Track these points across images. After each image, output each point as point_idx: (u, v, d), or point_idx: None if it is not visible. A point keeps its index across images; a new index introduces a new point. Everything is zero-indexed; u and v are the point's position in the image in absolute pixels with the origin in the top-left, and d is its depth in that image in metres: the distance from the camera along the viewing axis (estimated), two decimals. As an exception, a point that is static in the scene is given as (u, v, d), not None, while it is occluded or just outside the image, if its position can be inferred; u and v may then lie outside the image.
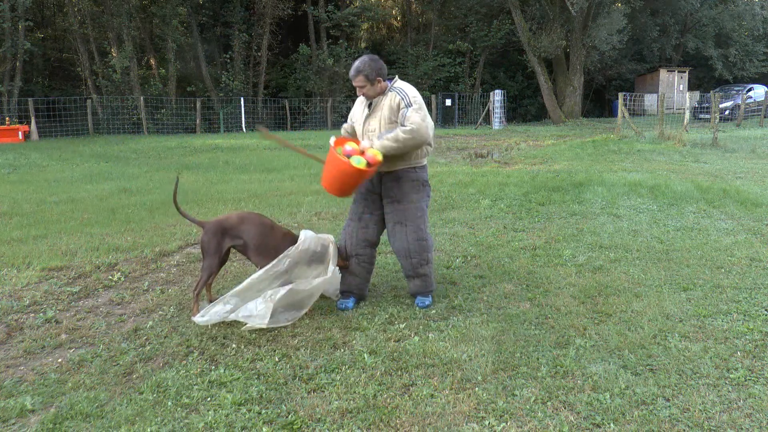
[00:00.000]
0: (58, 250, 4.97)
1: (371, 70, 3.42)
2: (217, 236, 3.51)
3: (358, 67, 3.43)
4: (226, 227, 3.54)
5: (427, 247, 3.67)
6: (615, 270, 4.38)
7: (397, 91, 3.48)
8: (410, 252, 3.63)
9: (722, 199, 6.93)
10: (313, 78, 25.69)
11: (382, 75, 3.46)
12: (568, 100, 26.53)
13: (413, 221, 3.62)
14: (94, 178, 9.61)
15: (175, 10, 22.76)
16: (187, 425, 2.41)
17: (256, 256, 3.59)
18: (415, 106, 3.42)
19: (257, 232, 3.58)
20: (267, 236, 3.60)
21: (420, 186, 3.65)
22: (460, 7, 28.59)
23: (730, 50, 30.89)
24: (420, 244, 3.63)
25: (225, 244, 3.53)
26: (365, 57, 3.49)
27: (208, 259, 3.49)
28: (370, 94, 3.51)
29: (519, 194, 7.44)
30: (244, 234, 3.56)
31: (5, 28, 19.28)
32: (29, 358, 3.04)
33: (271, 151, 14.21)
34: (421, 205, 3.66)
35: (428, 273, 3.71)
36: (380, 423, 2.41)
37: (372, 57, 3.49)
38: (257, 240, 3.57)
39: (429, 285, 3.74)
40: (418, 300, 3.72)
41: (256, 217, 3.67)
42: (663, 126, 15.37)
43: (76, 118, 20.19)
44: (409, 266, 3.68)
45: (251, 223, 3.60)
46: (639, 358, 2.93)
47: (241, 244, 3.58)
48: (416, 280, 3.71)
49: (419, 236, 3.62)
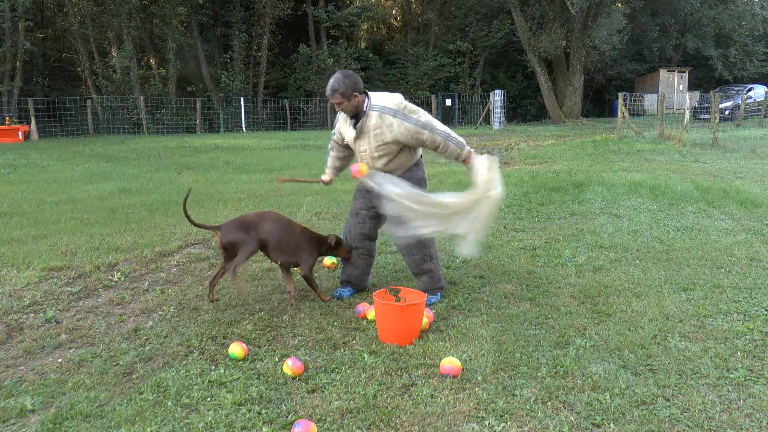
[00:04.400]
0: (58, 250, 4.97)
1: (346, 87, 3.42)
2: (243, 229, 3.57)
3: (333, 86, 3.45)
4: (247, 223, 3.61)
5: (427, 243, 3.71)
6: (615, 270, 4.38)
7: (378, 110, 3.47)
8: (410, 248, 3.68)
9: (722, 199, 6.93)
10: (313, 78, 25.68)
11: (358, 89, 3.46)
12: (568, 100, 26.53)
13: None
14: (94, 178, 9.61)
15: (175, 10, 22.76)
16: (187, 425, 2.41)
17: (275, 253, 3.66)
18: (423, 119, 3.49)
19: (276, 229, 3.65)
20: (286, 233, 3.68)
21: (417, 182, 3.71)
22: (460, 7, 28.60)
23: (730, 50, 30.89)
24: (419, 240, 3.66)
25: (253, 235, 3.57)
26: (338, 74, 3.49)
27: (246, 246, 3.53)
28: (348, 109, 3.53)
29: (519, 194, 7.44)
30: (262, 231, 3.61)
31: (5, 28, 19.28)
32: (29, 358, 3.04)
33: (271, 152, 14.22)
34: None
35: (433, 269, 3.74)
36: (380, 423, 2.41)
37: (345, 73, 3.49)
38: (277, 237, 3.63)
39: (436, 282, 3.78)
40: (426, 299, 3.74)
41: (273, 214, 3.74)
42: (663, 126, 15.37)
43: (76, 118, 20.19)
44: (412, 263, 3.73)
45: (269, 220, 3.67)
46: (639, 358, 2.93)
47: (261, 241, 3.62)
48: (422, 277, 3.75)
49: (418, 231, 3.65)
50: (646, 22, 28.97)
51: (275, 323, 3.44)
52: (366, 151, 3.60)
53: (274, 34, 25.92)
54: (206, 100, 23.66)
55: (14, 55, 20.22)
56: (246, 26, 25.10)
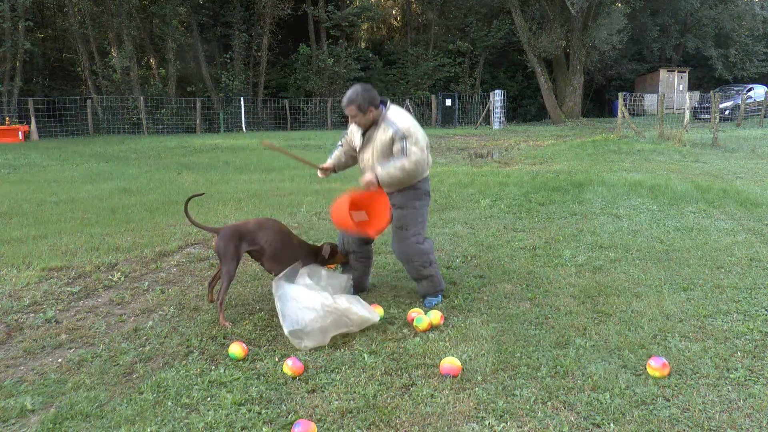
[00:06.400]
0: (58, 250, 4.97)
1: (363, 100, 3.43)
2: (234, 241, 3.48)
3: (350, 97, 3.45)
4: (243, 232, 3.53)
5: (426, 250, 3.71)
6: (615, 270, 4.38)
7: (389, 123, 3.49)
8: (411, 256, 3.67)
9: (722, 199, 6.93)
10: (313, 78, 25.69)
11: (374, 104, 3.47)
12: (568, 100, 26.54)
13: (414, 226, 3.66)
14: (94, 178, 9.61)
15: (175, 10, 22.77)
16: (187, 425, 2.41)
17: (270, 263, 3.62)
18: (412, 139, 3.44)
19: (274, 239, 3.60)
20: (283, 243, 3.63)
21: (423, 195, 3.71)
22: (460, 7, 28.60)
23: (730, 50, 30.89)
24: (419, 248, 3.66)
25: (242, 249, 3.52)
26: (357, 86, 3.49)
27: (227, 265, 3.45)
28: (362, 122, 3.53)
29: (519, 194, 7.44)
30: (260, 240, 3.56)
31: (5, 28, 19.28)
32: (29, 358, 3.04)
33: (271, 152, 14.22)
34: (422, 211, 3.72)
35: (433, 273, 3.75)
36: (380, 423, 2.41)
37: (365, 87, 3.50)
38: (273, 247, 3.59)
39: (437, 285, 3.79)
40: (426, 301, 3.77)
41: (273, 223, 3.69)
42: (663, 126, 15.37)
43: (76, 118, 20.19)
44: (412, 270, 3.73)
45: (269, 230, 3.61)
46: (639, 358, 2.93)
47: (257, 250, 3.58)
48: (423, 282, 3.76)
49: (417, 240, 3.67)
50: (646, 22, 28.98)
51: (275, 323, 3.43)
52: (368, 161, 3.61)
53: (274, 34, 25.93)
54: (206, 100, 23.67)
55: (14, 55, 20.22)
56: (246, 26, 25.11)
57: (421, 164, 3.49)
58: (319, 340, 3.14)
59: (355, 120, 3.53)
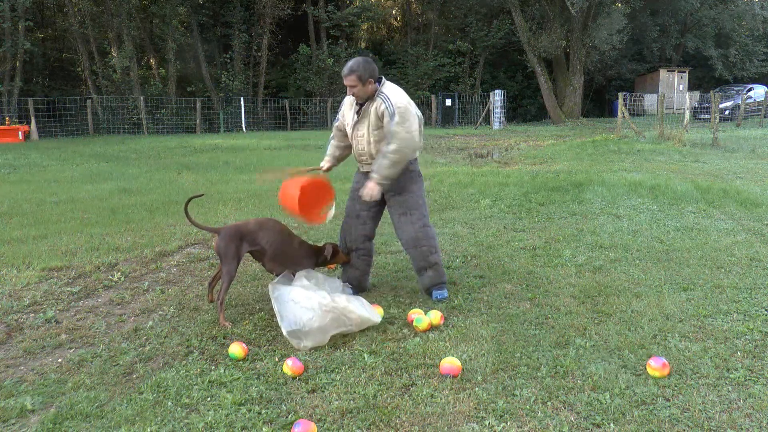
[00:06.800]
0: (58, 250, 4.97)
1: (364, 71, 3.44)
2: (235, 241, 3.46)
3: (351, 67, 3.46)
4: (243, 233, 3.52)
5: (432, 234, 3.75)
6: (615, 270, 4.38)
7: (383, 98, 3.50)
8: (418, 240, 3.68)
9: (722, 199, 6.93)
10: (313, 78, 25.69)
11: (374, 77, 3.49)
12: (568, 100, 26.54)
13: (417, 209, 3.69)
14: (94, 178, 9.61)
15: (175, 10, 22.78)
16: (187, 425, 2.41)
17: (271, 263, 3.61)
18: (398, 118, 3.43)
19: (275, 239, 3.59)
20: (284, 244, 3.63)
21: (416, 176, 3.74)
22: (460, 7, 28.61)
23: (730, 50, 30.90)
24: (426, 231, 3.70)
25: (243, 249, 3.51)
26: (359, 57, 3.52)
27: (228, 265, 3.44)
28: (359, 94, 3.53)
29: (519, 194, 7.44)
30: (261, 240, 3.56)
31: (5, 28, 19.28)
32: (29, 358, 3.04)
33: (271, 152, 14.23)
34: (420, 194, 3.76)
35: (438, 262, 3.77)
36: (380, 423, 2.41)
37: (366, 59, 3.52)
38: (274, 247, 3.58)
39: (441, 275, 3.80)
40: (435, 294, 3.77)
41: (274, 223, 3.68)
42: (663, 126, 15.37)
43: (76, 118, 20.19)
44: (419, 256, 3.72)
45: (270, 230, 3.61)
46: (639, 358, 2.93)
47: (258, 250, 3.58)
48: (429, 271, 3.74)
49: (424, 222, 3.71)
50: (646, 22, 28.99)
51: (275, 323, 3.42)
52: (364, 137, 3.61)
53: (274, 34, 25.93)
54: (206, 100, 23.67)
55: (14, 55, 20.22)
56: (246, 26, 25.11)
57: (406, 145, 3.44)
58: (319, 340, 3.14)
59: (354, 91, 3.52)
